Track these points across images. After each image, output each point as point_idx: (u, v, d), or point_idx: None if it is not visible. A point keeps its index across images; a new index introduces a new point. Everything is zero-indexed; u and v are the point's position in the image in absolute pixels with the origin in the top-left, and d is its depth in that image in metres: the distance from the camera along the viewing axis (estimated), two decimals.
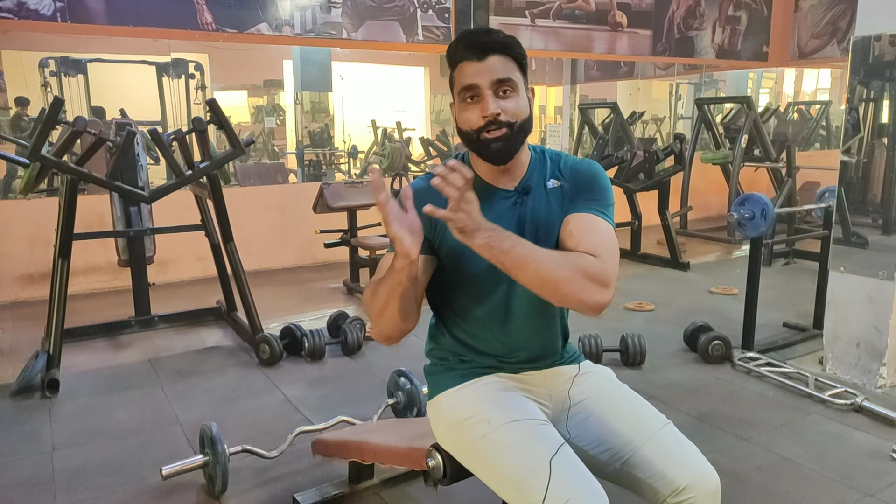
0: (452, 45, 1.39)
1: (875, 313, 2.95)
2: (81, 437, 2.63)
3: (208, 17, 4.80)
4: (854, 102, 3.12)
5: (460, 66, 1.37)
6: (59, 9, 4.32)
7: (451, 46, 1.40)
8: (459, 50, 1.37)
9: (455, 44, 1.39)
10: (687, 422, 2.69)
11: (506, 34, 1.38)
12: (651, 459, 1.31)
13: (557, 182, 1.45)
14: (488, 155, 1.38)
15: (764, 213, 3.32)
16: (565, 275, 1.24)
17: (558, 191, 1.44)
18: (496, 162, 1.40)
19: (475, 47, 1.35)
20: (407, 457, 1.65)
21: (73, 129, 3.14)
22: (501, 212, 1.40)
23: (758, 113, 6.63)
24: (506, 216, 1.40)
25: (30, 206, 4.73)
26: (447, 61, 1.42)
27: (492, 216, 1.28)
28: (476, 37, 1.37)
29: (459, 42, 1.38)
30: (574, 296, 1.25)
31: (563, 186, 1.44)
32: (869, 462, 2.38)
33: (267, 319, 3.78)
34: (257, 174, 6.86)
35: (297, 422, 2.65)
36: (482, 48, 1.35)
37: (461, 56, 1.37)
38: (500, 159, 1.39)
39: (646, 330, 3.59)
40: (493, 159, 1.39)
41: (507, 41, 1.37)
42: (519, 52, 1.38)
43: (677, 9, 7.07)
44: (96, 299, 4.64)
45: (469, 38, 1.37)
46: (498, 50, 1.35)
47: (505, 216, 1.40)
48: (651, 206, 5.73)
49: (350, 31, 5.37)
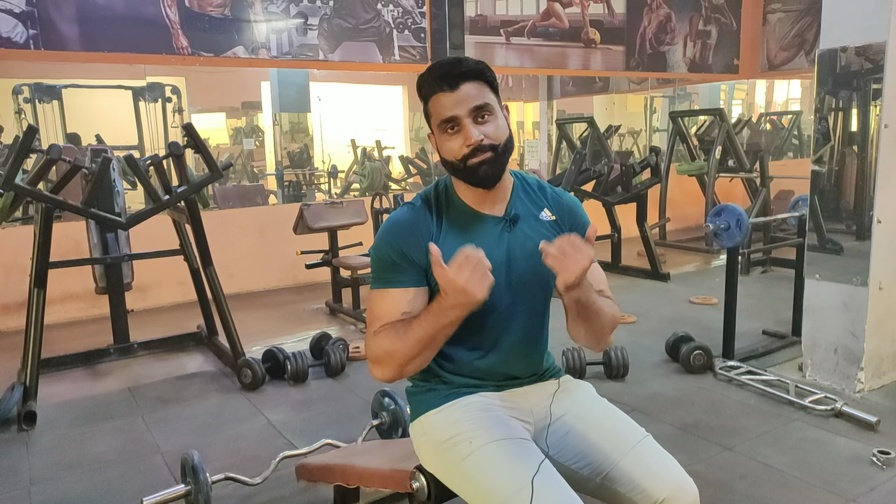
0: (423, 77, 1.38)
1: (851, 319, 2.99)
2: (60, 469, 2.58)
3: (184, 41, 4.80)
4: (823, 112, 3.19)
5: (434, 98, 1.37)
6: (31, 36, 4.30)
7: (423, 79, 1.38)
8: (431, 81, 1.36)
9: (426, 76, 1.38)
10: (671, 433, 2.70)
11: (474, 60, 1.38)
12: (630, 473, 1.32)
13: (552, 215, 1.48)
14: (477, 180, 1.39)
15: (739, 224, 3.37)
16: (612, 325, 1.45)
17: (553, 224, 1.47)
18: (485, 186, 1.40)
19: (448, 77, 1.35)
20: (391, 479, 1.63)
21: (47, 157, 3.11)
22: (490, 238, 1.41)
23: (731, 124, 6.74)
24: (494, 243, 1.41)
25: (4, 235, 4.66)
26: (419, 94, 1.41)
27: (479, 242, 1.29)
28: (447, 67, 1.36)
29: (430, 73, 1.37)
30: (607, 341, 1.47)
31: (558, 221, 1.48)
32: (850, 467, 2.40)
33: (249, 343, 3.75)
34: (236, 196, 6.82)
35: (281, 446, 2.62)
36: (455, 78, 1.34)
37: (434, 88, 1.36)
38: (489, 182, 1.39)
39: (628, 342, 3.62)
40: (481, 183, 1.39)
41: (477, 67, 1.37)
42: (490, 76, 1.39)
43: (648, 24, 7.20)
44: (74, 328, 4.56)
45: (440, 69, 1.36)
46: (470, 77, 1.35)
47: (493, 243, 1.41)
48: (629, 218, 5.79)
49: (327, 53, 5.40)
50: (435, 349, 1.33)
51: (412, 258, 1.38)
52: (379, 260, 1.41)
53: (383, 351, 1.34)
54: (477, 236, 1.39)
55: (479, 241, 1.32)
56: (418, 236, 1.39)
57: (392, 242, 1.40)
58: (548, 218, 1.48)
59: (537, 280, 1.45)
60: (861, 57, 2.94)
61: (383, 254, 1.40)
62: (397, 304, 1.36)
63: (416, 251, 1.35)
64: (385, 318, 1.36)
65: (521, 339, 1.47)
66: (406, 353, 1.31)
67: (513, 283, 1.43)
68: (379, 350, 1.35)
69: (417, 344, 1.30)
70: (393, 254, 1.39)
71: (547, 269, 1.40)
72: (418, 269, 1.38)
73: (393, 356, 1.33)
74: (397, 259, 1.39)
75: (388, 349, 1.33)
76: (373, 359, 1.37)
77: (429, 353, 1.33)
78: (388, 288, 1.39)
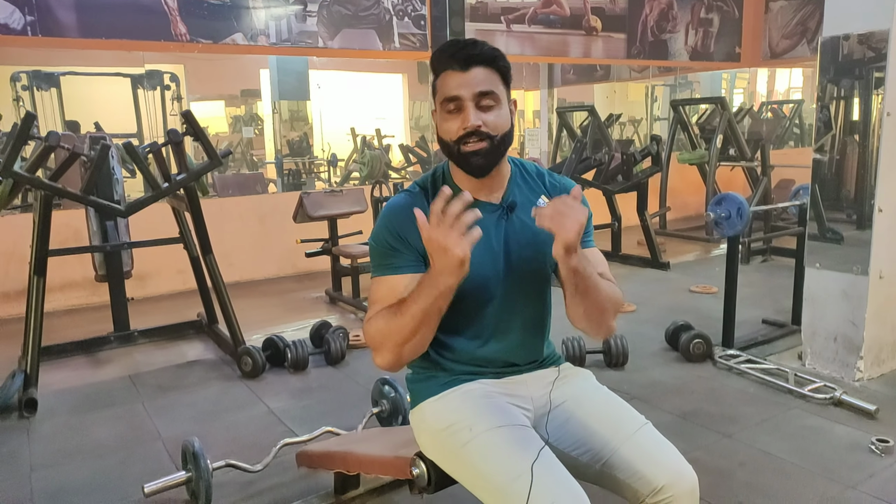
0: (437, 52, 1.39)
1: (851, 308, 3.00)
2: (61, 456, 2.59)
3: (182, 28, 4.77)
4: (825, 101, 3.17)
5: (443, 75, 1.37)
6: (29, 23, 4.27)
7: (436, 54, 1.39)
8: (444, 59, 1.36)
9: (440, 52, 1.38)
10: (671, 421, 2.71)
11: (491, 46, 1.38)
12: (629, 460, 1.32)
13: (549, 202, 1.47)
14: (468, 168, 1.39)
15: (740, 212, 3.37)
16: (614, 306, 1.40)
17: None
18: (475, 174, 1.40)
19: (459, 58, 1.34)
20: (391, 466, 1.64)
21: (45, 145, 3.10)
22: (486, 225, 1.39)
23: (732, 113, 6.72)
24: (491, 230, 1.41)
25: (4, 223, 4.65)
26: (430, 68, 1.41)
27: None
28: (461, 47, 1.36)
29: (444, 51, 1.37)
30: (609, 325, 1.42)
31: None
32: (849, 455, 2.41)
33: (249, 331, 3.75)
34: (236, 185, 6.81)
35: (281, 434, 2.63)
36: (467, 59, 1.34)
37: (445, 65, 1.36)
38: (480, 172, 1.39)
39: (628, 331, 3.62)
40: (472, 172, 1.40)
41: (492, 53, 1.37)
42: (503, 65, 1.38)
43: (650, 12, 7.15)
44: (74, 315, 4.57)
45: (454, 47, 1.36)
46: (482, 62, 1.35)
47: (490, 231, 1.40)
48: (630, 207, 5.78)
49: (326, 40, 5.36)
50: (430, 327, 1.30)
51: (410, 242, 1.37)
52: (377, 246, 1.41)
53: (378, 332, 1.33)
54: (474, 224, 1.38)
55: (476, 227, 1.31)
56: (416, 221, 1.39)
57: (390, 227, 1.40)
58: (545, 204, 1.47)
59: (536, 267, 1.45)
60: (864, 45, 2.92)
61: (382, 239, 1.40)
62: (396, 289, 1.35)
63: (415, 236, 1.35)
64: (383, 303, 1.35)
65: (520, 326, 1.47)
66: (401, 332, 1.29)
67: (511, 270, 1.43)
68: (375, 332, 1.33)
69: (412, 320, 1.27)
70: (391, 238, 1.39)
71: (545, 255, 1.41)
72: (417, 254, 1.38)
73: (388, 336, 1.31)
74: (395, 244, 1.38)
75: (383, 329, 1.32)
76: (371, 343, 1.35)
77: (425, 330, 1.30)
78: (387, 274, 1.38)
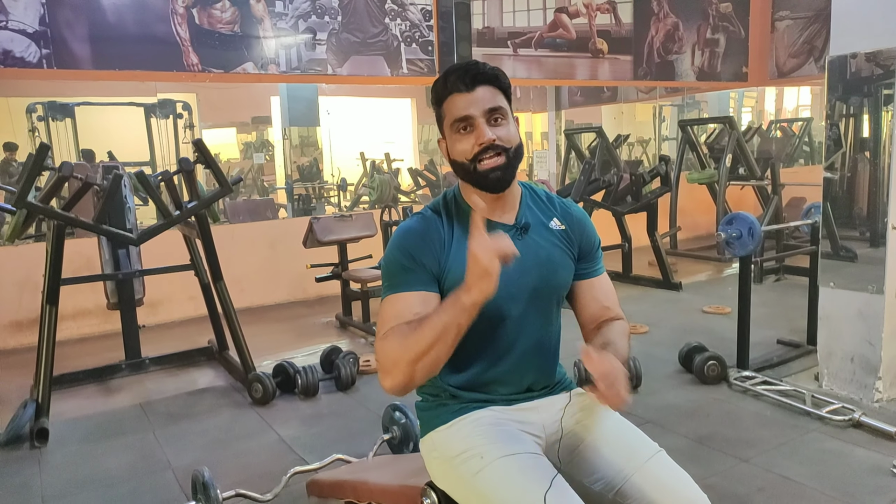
0: (440, 80, 1.41)
1: (867, 327, 2.95)
2: (72, 486, 2.58)
3: (194, 58, 4.85)
4: (834, 119, 3.16)
5: (450, 98, 1.39)
6: (45, 56, 4.36)
7: (439, 81, 1.41)
8: (448, 83, 1.39)
9: (442, 79, 1.40)
10: (686, 445, 2.67)
11: (491, 65, 1.41)
12: (642, 488, 1.29)
13: (561, 225, 1.49)
14: (486, 184, 1.39)
15: (751, 232, 3.34)
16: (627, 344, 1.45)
17: (563, 234, 1.48)
18: (494, 190, 1.40)
19: (464, 78, 1.37)
20: (402, 496, 1.62)
21: (59, 175, 3.14)
22: None
23: (740, 132, 6.71)
24: None
25: (18, 253, 4.70)
26: (433, 97, 1.42)
27: None
28: (464, 68, 1.39)
29: (447, 75, 1.40)
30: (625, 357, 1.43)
31: (568, 231, 1.49)
32: (870, 478, 2.36)
33: (259, 357, 3.75)
34: (247, 211, 6.86)
35: (292, 462, 2.61)
36: (471, 79, 1.37)
37: (451, 89, 1.38)
38: (499, 187, 1.40)
39: (641, 352, 3.58)
40: (491, 188, 1.40)
41: (493, 72, 1.40)
42: (505, 83, 1.42)
43: (656, 34, 7.20)
44: (86, 344, 4.59)
45: (457, 70, 1.39)
46: (486, 81, 1.38)
47: None
48: (640, 227, 5.76)
49: (335, 67, 5.44)
50: (447, 345, 1.25)
51: (423, 263, 1.37)
52: (389, 265, 1.40)
53: (393, 348, 1.28)
54: None
55: None
56: (430, 243, 1.39)
57: (403, 247, 1.39)
58: (558, 227, 1.48)
59: (549, 288, 1.45)
60: (871, 63, 2.91)
61: (394, 259, 1.39)
62: (408, 307, 1.32)
63: (428, 257, 1.34)
64: (397, 320, 1.31)
65: (532, 347, 1.45)
66: (417, 345, 1.24)
67: (524, 291, 1.42)
68: (389, 348, 1.28)
69: (431, 332, 1.23)
70: (404, 258, 1.37)
71: (559, 277, 1.44)
72: (429, 274, 1.37)
73: (404, 352, 1.26)
74: (408, 263, 1.37)
75: (397, 345, 1.27)
76: (383, 360, 1.30)
77: (441, 347, 1.24)
78: (400, 292, 1.36)
